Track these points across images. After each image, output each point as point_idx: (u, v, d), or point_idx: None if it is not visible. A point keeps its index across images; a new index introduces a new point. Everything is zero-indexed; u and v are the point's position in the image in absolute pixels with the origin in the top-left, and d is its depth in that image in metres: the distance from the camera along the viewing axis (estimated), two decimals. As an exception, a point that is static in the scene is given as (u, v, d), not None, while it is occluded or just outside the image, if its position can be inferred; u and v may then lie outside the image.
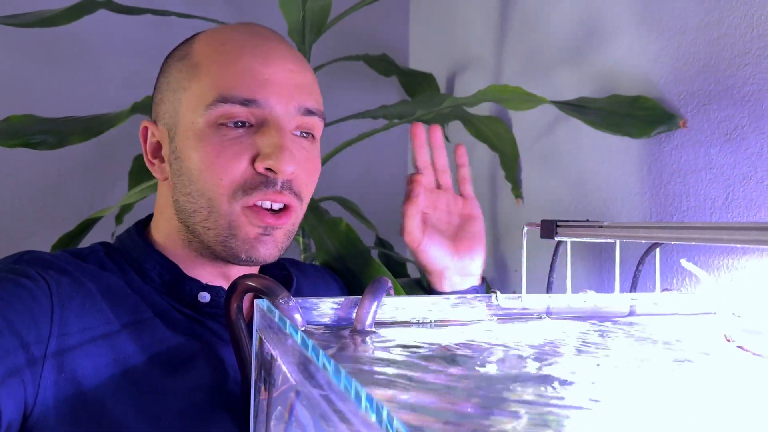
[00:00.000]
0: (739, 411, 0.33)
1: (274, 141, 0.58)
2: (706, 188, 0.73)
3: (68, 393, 0.51)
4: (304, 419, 0.32)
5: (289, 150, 0.58)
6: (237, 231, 0.59)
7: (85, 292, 0.55)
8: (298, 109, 0.61)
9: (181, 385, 0.55)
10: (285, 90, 0.60)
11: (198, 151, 0.59)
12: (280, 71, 0.60)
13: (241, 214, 0.59)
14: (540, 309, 0.57)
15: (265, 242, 0.60)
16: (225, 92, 0.58)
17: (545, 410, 0.31)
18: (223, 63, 0.60)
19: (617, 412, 0.31)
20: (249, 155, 0.59)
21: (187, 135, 0.60)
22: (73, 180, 1.27)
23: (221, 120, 0.58)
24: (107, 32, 1.28)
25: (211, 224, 0.60)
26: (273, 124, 0.59)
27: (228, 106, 0.58)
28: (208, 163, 0.58)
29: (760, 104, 0.66)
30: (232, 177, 0.58)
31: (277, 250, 0.61)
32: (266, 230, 0.60)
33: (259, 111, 0.59)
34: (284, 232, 0.62)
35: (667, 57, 0.78)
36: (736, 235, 0.37)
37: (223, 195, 0.59)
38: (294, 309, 0.47)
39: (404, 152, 1.58)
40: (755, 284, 0.66)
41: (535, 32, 1.06)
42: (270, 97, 0.59)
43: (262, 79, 0.59)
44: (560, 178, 0.98)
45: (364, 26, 1.48)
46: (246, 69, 0.59)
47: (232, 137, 0.59)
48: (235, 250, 0.60)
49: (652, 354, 0.45)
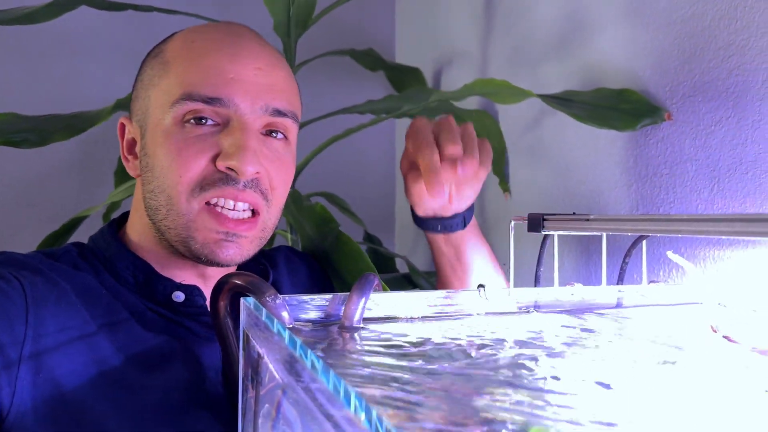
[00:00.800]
0: (725, 400, 0.33)
1: (237, 141, 0.57)
2: (692, 180, 0.73)
3: (46, 394, 0.50)
4: (291, 417, 0.32)
5: (251, 150, 0.57)
6: (195, 233, 0.58)
7: (60, 292, 0.55)
8: (265, 109, 0.60)
9: (159, 384, 0.55)
10: (252, 89, 0.59)
11: (163, 147, 0.58)
12: (247, 69, 0.59)
13: (198, 215, 0.58)
14: (528, 302, 0.57)
15: (226, 247, 0.59)
16: (190, 89, 0.58)
17: (535, 404, 0.31)
18: (190, 60, 0.59)
19: (606, 404, 0.31)
20: (211, 153, 0.58)
21: (155, 132, 0.60)
22: (58, 179, 1.25)
23: (187, 117, 0.58)
24: (89, 29, 1.26)
25: (170, 222, 0.59)
26: (237, 124, 0.58)
27: (192, 103, 0.57)
28: (170, 159, 0.58)
29: (744, 96, 0.67)
30: (191, 174, 0.57)
31: (241, 256, 0.60)
32: (227, 236, 0.58)
33: (223, 110, 0.58)
34: (250, 239, 0.60)
35: (652, 50, 0.78)
36: (721, 226, 0.37)
37: (181, 192, 0.58)
38: (281, 306, 0.46)
39: (391, 147, 1.57)
40: (740, 275, 0.66)
41: (521, 26, 1.06)
42: (235, 95, 0.58)
43: (228, 77, 0.58)
44: (547, 171, 0.98)
45: (350, 21, 1.47)
46: (212, 67, 0.58)
47: (196, 135, 0.58)
48: (195, 251, 0.59)
49: (639, 345, 0.45)
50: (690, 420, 0.30)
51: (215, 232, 0.58)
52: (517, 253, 0.61)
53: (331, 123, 1.12)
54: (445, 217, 0.74)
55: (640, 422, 0.29)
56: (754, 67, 0.66)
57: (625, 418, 0.30)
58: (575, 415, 0.30)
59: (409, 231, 1.50)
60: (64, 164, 1.25)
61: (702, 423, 0.30)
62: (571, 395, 0.33)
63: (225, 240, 0.58)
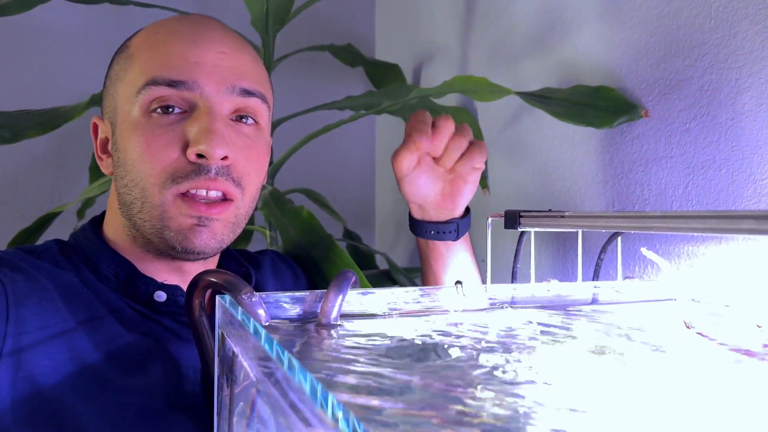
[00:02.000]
0: (698, 395, 0.33)
1: (203, 125, 0.57)
2: (667, 177, 0.74)
3: (26, 393, 0.49)
4: (265, 415, 0.32)
5: (218, 133, 0.57)
6: (169, 222, 0.58)
7: (41, 290, 0.54)
8: (231, 90, 0.59)
9: (138, 383, 0.54)
10: (216, 70, 0.58)
11: (132, 140, 0.58)
12: (210, 52, 0.59)
13: (172, 204, 0.57)
14: (504, 299, 0.57)
15: (199, 233, 0.58)
16: (153, 75, 0.57)
17: (509, 401, 0.31)
18: (152, 50, 0.59)
19: (581, 402, 0.32)
20: (180, 143, 0.57)
21: (124, 126, 0.59)
22: (31, 175, 1.23)
23: (153, 106, 0.57)
24: (63, 22, 1.24)
25: (146, 215, 0.58)
26: (203, 109, 0.58)
27: (157, 88, 0.57)
28: (140, 152, 0.57)
29: (718, 94, 0.68)
30: (163, 166, 0.57)
31: (215, 241, 0.59)
32: (200, 220, 0.58)
33: (188, 93, 0.57)
34: (224, 224, 0.60)
35: (629, 47, 0.79)
36: (693, 223, 0.38)
37: (154, 185, 0.57)
38: (257, 304, 0.46)
39: (371, 143, 1.57)
40: (714, 271, 0.67)
41: (501, 23, 1.06)
42: (199, 77, 0.58)
43: (191, 60, 0.58)
44: (526, 167, 0.98)
45: (329, 16, 1.47)
46: (174, 51, 0.58)
47: (164, 124, 0.57)
48: (169, 241, 0.58)
49: (614, 341, 0.45)
50: (662, 416, 0.30)
51: (189, 217, 0.58)
52: (497, 249, 0.61)
53: (311, 119, 1.12)
54: (440, 223, 0.74)
55: (609, 411, 0.29)
56: (727, 66, 0.67)
57: (594, 409, 0.30)
58: (548, 408, 0.30)
59: (389, 228, 1.50)
60: (37, 160, 1.23)
61: (674, 418, 0.30)
62: (544, 390, 0.33)
63: (198, 225, 0.58)
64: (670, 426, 0.29)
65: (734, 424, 0.30)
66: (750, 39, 0.64)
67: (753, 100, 0.64)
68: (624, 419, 0.29)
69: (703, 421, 0.30)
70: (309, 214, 0.83)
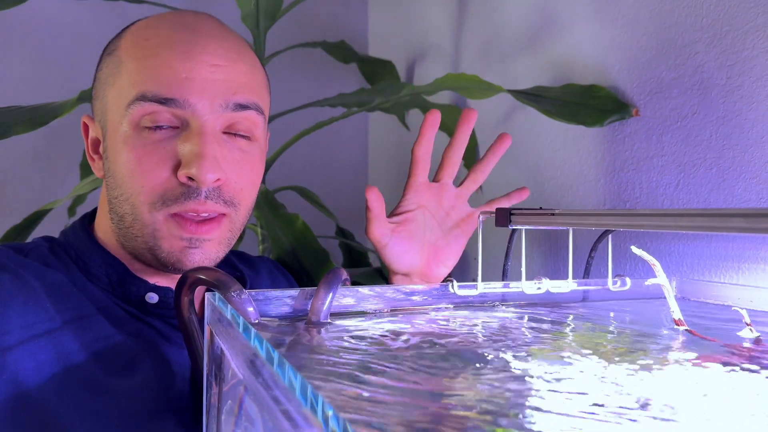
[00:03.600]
0: (688, 392, 0.33)
1: (195, 148, 0.55)
2: (658, 175, 0.74)
3: (9, 394, 0.49)
4: (253, 413, 0.31)
5: (210, 157, 0.55)
6: (161, 242, 0.57)
7: (28, 289, 0.53)
8: (225, 106, 0.57)
9: (126, 385, 0.53)
10: (208, 86, 0.56)
11: (122, 154, 0.56)
12: (202, 66, 0.56)
13: (163, 224, 0.56)
14: (495, 296, 0.57)
15: (191, 254, 0.57)
16: (143, 90, 0.55)
17: (501, 400, 0.31)
18: (142, 59, 0.56)
19: (572, 399, 0.32)
20: (171, 163, 0.56)
21: (114, 136, 0.57)
22: (20, 171, 1.22)
23: (144, 122, 0.56)
24: (53, 18, 1.23)
25: (137, 231, 0.57)
26: (195, 128, 0.56)
27: (147, 104, 0.55)
28: (131, 168, 0.56)
29: (709, 92, 0.68)
30: (152, 185, 0.55)
31: (207, 260, 0.58)
32: (192, 242, 0.57)
33: (179, 111, 0.56)
34: (217, 242, 0.59)
35: (621, 46, 0.79)
36: (683, 221, 0.38)
37: (144, 203, 0.56)
38: (247, 302, 0.46)
39: (364, 140, 1.57)
40: (704, 268, 0.68)
41: (493, 20, 1.06)
42: (190, 95, 0.55)
43: (182, 76, 0.55)
44: (518, 166, 0.99)
45: (322, 13, 1.46)
46: (164, 65, 0.56)
47: (154, 141, 0.56)
48: (161, 260, 0.57)
49: (604, 339, 0.45)
50: (656, 413, 0.30)
51: (179, 239, 0.57)
52: (490, 247, 0.61)
53: (303, 116, 1.11)
54: None
55: (602, 408, 0.29)
56: (718, 65, 0.67)
57: (586, 405, 0.30)
58: (537, 405, 0.30)
59: (382, 225, 1.50)
60: (27, 156, 1.22)
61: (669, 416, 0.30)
62: (536, 388, 0.33)
63: (189, 247, 0.57)
64: (667, 424, 0.29)
65: (720, 420, 0.30)
66: (741, 38, 0.64)
67: (744, 98, 0.64)
68: (621, 416, 0.29)
69: (692, 419, 0.30)
70: (304, 225, 0.83)
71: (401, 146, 1.39)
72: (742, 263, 0.64)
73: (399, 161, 1.41)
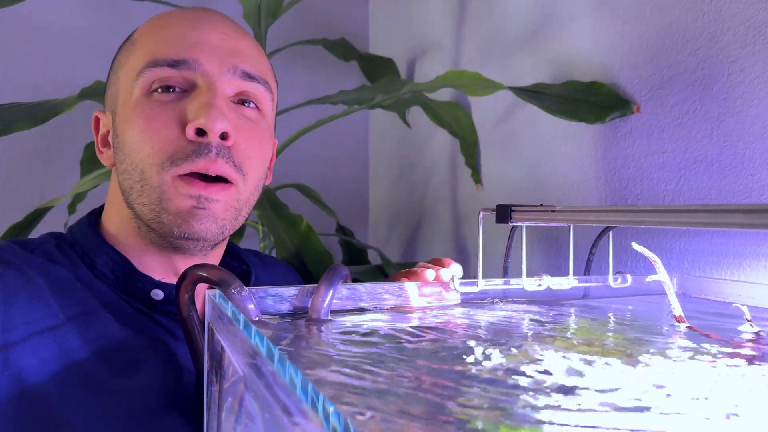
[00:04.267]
0: (688, 388, 0.33)
1: (203, 100, 0.56)
2: (659, 172, 0.74)
3: (12, 391, 0.49)
4: (253, 411, 0.31)
5: (218, 108, 0.55)
6: (168, 204, 0.56)
7: (33, 286, 0.53)
8: (233, 71, 0.58)
9: (130, 383, 0.53)
10: (217, 51, 0.58)
11: (132, 122, 0.57)
12: (212, 33, 0.59)
13: (171, 185, 0.55)
14: (496, 293, 0.57)
15: (199, 216, 0.56)
16: (154, 57, 0.57)
17: (502, 397, 0.31)
18: (153, 34, 0.59)
19: (572, 395, 0.32)
20: (180, 122, 0.56)
21: (124, 110, 0.58)
22: (21, 169, 1.22)
23: (154, 86, 0.57)
24: (54, 15, 1.23)
25: (145, 199, 0.56)
26: (204, 86, 0.57)
27: (158, 69, 0.56)
28: (140, 131, 0.56)
29: (710, 88, 0.68)
30: (161, 145, 0.55)
31: (216, 225, 0.57)
32: (200, 201, 0.56)
33: (189, 73, 0.57)
34: (224, 206, 0.57)
35: (622, 42, 0.79)
36: (683, 217, 0.38)
37: (153, 165, 0.55)
38: (247, 299, 0.46)
39: (364, 138, 1.57)
40: (705, 265, 0.67)
41: (494, 18, 1.06)
42: (200, 56, 0.57)
43: (192, 40, 0.58)
44: (519, 163, 0.98)
45: (323, 10, 1.46)
46: (175, 33, 0.58)
47: (163, 103, 0.56)
48: (167, 225, 0.56)
49: (606, 336, 0.45)
50: (658, 409, 0.30)
51: (187, 198, 0.55)
52: (490, 244, 0.61)
53: (303, 113, 1.11)
54: None
55: (602, 405, 0.29)
56: (719, 61, 0.66)
57: (586, 401, 0.30)
58: (539, 401, 0.30)
59: (383, 223, 1.50)
60: (28, 154, 1.22)
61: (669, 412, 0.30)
62: (536, 384, 0.33)
63: (197, 207, 0.56)
64: (667, 420, 0.29)
65: (720, 415, 0.30)
66: (742, 34, 0.64)
67: (745, 95, 0.64)
68: (619, 411, 0.29)
69: (691, 415, 0.30)
70: (308, 227, 0.83)
71: (402, 144, 1.39)
72: (743, 260, 0.64)
73: (399, 159, 1.41)
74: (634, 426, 0.28)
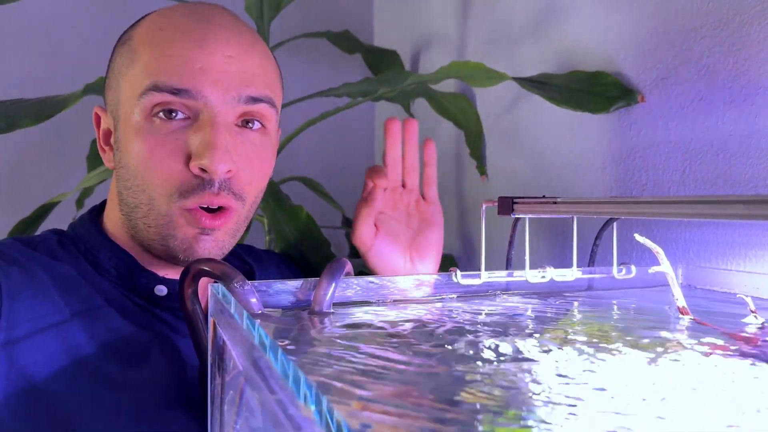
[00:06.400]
0: (692, 380, 0.33)
1: (206, 138, 0.55)
2: (665, 162, 0.73)
3: (20, 387, 0.49)
4: (253, 404, 0.32)
5: (222, 148, 0.55)
6: (176, 231, 0.57)
7: (37, 282, 0.54)
8: (238, 99, 0.57)
9: (135, 377, 0.53)
10: (221, 78, 0.56)
11: (135, 145, 0.57)
12: (216, 57, 0.56)
13: (179, 216, 0.57)
14: (499, 286, 0.57)
15: (203, 241, 0.58)
16: (156, 80, 0.55)
17: (504, 387, 0.31)
18: (155, 48, 0.57)
19: (576, 388, 0.32)
20: (183, 154, 0.56)
21: (126, 126, 0.58)
22: (28, 165, 1.23)
23: (155, 110, 0.56)
24: (58, 9, 1.24)
25: (151, 221, 0.58)
26: (207, 119, 0.56)
27: (159, 94, 0.55)
28: (145, 159, 0.56)
29: (716, 77, 0.67)
30: (166, 177, 0.56)
31: (218, 248, 0.59)
32: (204, 231, 0.58)
33: (192, 102, 0.56)
34: (225, 231, 0.60)
35: (626, 32, 0.78)
36: (685, 208, 0.37)
37: (162, 195, 0.57)
38: (249, 293, 0.46)
39: (369, 130, 1.57)
40: (709, 256, 0.67)
41: (497, 8, 1.05)
42: (204, 87, 0.56)
43: (196, 67, 0.56)
44: (523, 153, 0.98)
45: (326, 2, 1.46)
46: (178, 55, 0.56)
47: (166, 132, 0.56)
48: (172, 250, 0.58)
49: (609, 328, 0.45)
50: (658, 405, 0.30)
51: (193, 227, 0.57)
52: (495, 236, 0.61)
53: (307, 106, 1.11)
54: None
55: (601, 398, 0.29)
56: (725, 50, 0.66)
57: (588, 394, 0.30)
58: (542, 393, 0.30)
59: (389, 215, 1.50)
60: (34, 150, 1.23)
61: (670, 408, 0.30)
62: (540, 376, 0.33)
63: (201, 234, 0.58)
64: (666, 414, 0.29)
65: (723, 408, 0.30)
66: (748, 22, 0.63)
67: (750, 84, 0.63)
68: (619, 408, 0.29)
69: (696, 406, 0.30)
70: (308, 217, 0.83)
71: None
72: (749, 250, 0.63)
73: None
74: (638, 418, 0.28)
